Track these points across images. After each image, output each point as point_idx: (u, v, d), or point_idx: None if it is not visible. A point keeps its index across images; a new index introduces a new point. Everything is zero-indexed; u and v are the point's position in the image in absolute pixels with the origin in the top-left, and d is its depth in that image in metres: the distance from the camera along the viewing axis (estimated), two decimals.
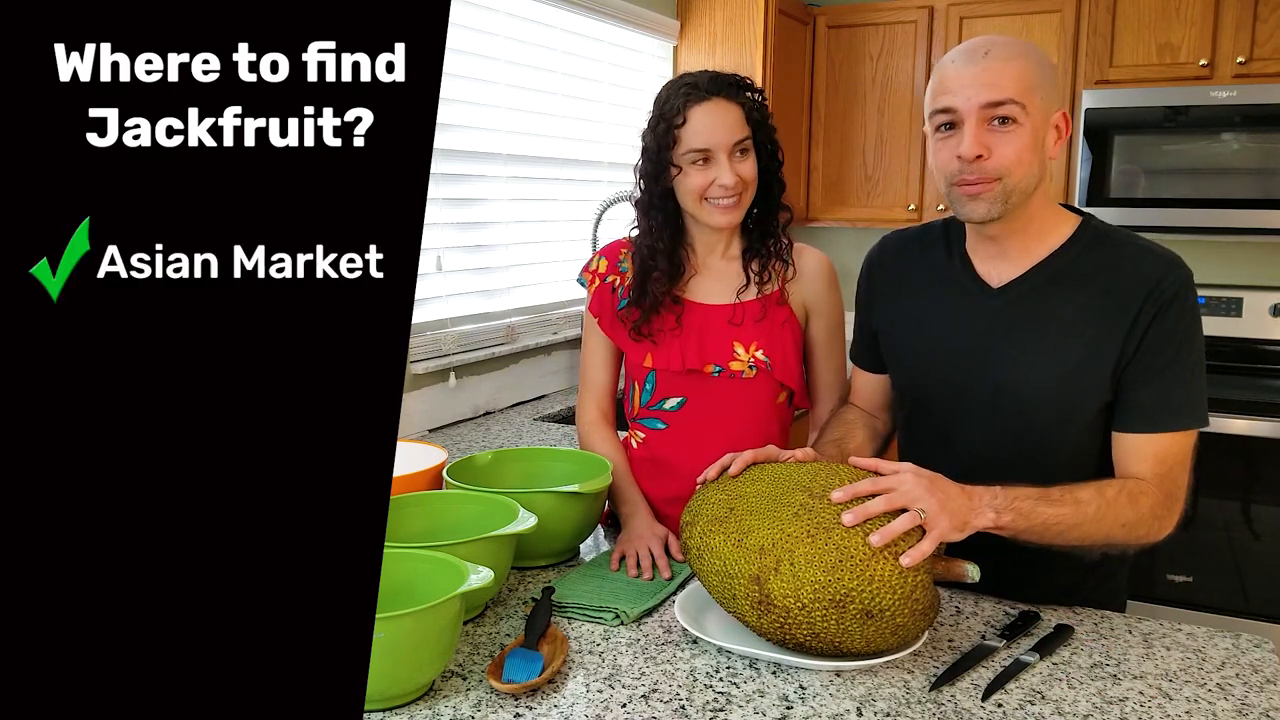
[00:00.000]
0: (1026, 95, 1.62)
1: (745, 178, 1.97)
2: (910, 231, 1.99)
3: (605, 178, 3.99)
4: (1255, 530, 3.70)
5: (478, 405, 3.29)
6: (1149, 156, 3.98)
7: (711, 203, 1.98)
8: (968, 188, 1.66)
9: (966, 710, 1.38)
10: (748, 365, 2.05)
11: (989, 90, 1.62)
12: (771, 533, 1.47)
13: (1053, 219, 1.77)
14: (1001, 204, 1.66)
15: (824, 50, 4.67)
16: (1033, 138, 1.64)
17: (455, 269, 3.22)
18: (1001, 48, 1.65)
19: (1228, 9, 3.86)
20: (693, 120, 1.95)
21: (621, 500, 2.07)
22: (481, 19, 3.21)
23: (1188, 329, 1.68)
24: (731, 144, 1.95)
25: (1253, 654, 1.56)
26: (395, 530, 1.73)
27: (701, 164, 1.96)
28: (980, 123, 1.63)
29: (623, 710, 1.37)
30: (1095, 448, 1.75)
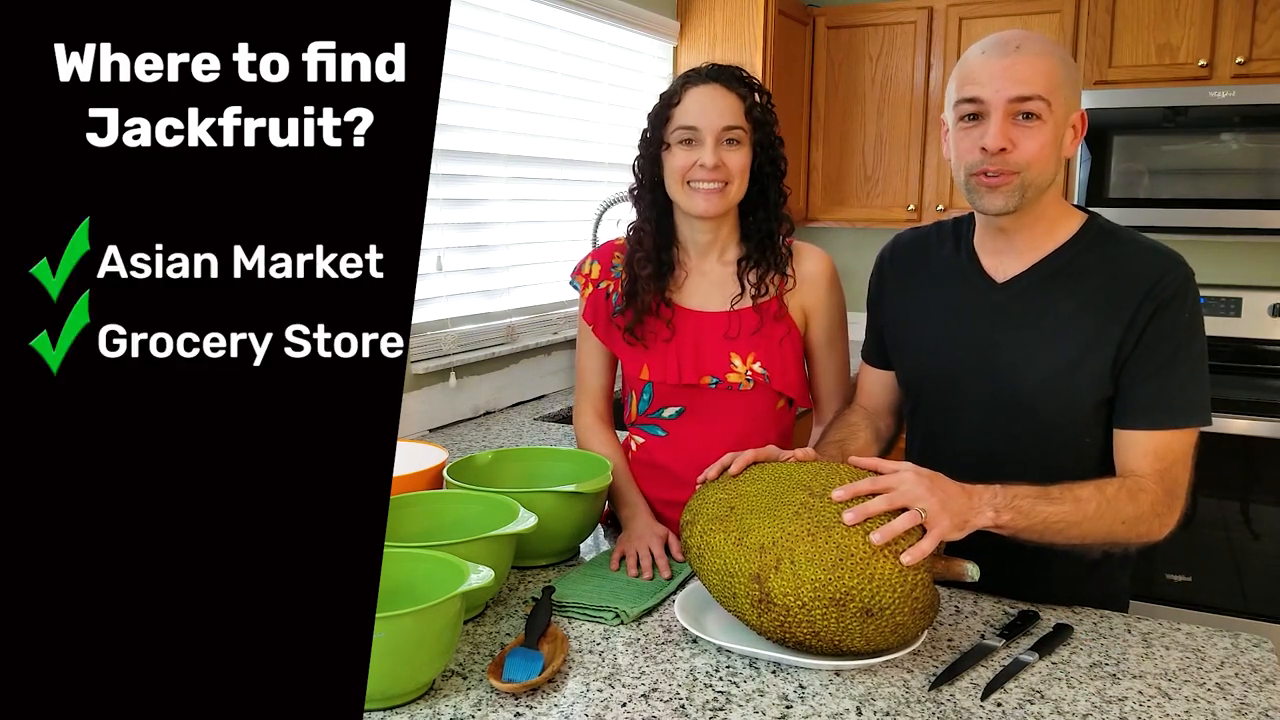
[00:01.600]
0: (1052, 92, 1.64)
1: (730, 166, 1.97)
2: (923, 229, 2.01)
3: (605, 178, 3.98)
4: (1254, 530, 3.70)
5: (478, 405, 3.29)
6: (1148, 157, 3.98)
7: (693, 185, 1.97)
8: (988, 179, 1.68)
9: (966, 709, 1.39)
10: (745, 378, 2.04)
11: (1018, 85, 1.64)
12: (772, 531, 1.47)
13: (1060, 216, 1.78)
14: (1019, 197, 1.68)
15: (824, 51, 4.67)
16: (1054, 135, 1.66)
17: (455, 269, 3.22)
18: (1032, 43, 1.67)
19: (1227, 9, 3.86)
20: (686, 100, 1.97)
21: (622, 502, 2.07)
22: (481, 19, 3.21)
23: (1188, 326, 1.68)
24: (720, 128, 1.95)
25: (1252, 653, 1.56)
26: (395, 530, 1.73)
27: (687, 144, 1.96)
28: (1006, 116, 1.65)
29: (623, 709, 1.37)
30: (1097, 445, 1.75)
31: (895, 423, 2.08)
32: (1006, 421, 1.78)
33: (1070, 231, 1.77)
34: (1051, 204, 1.76)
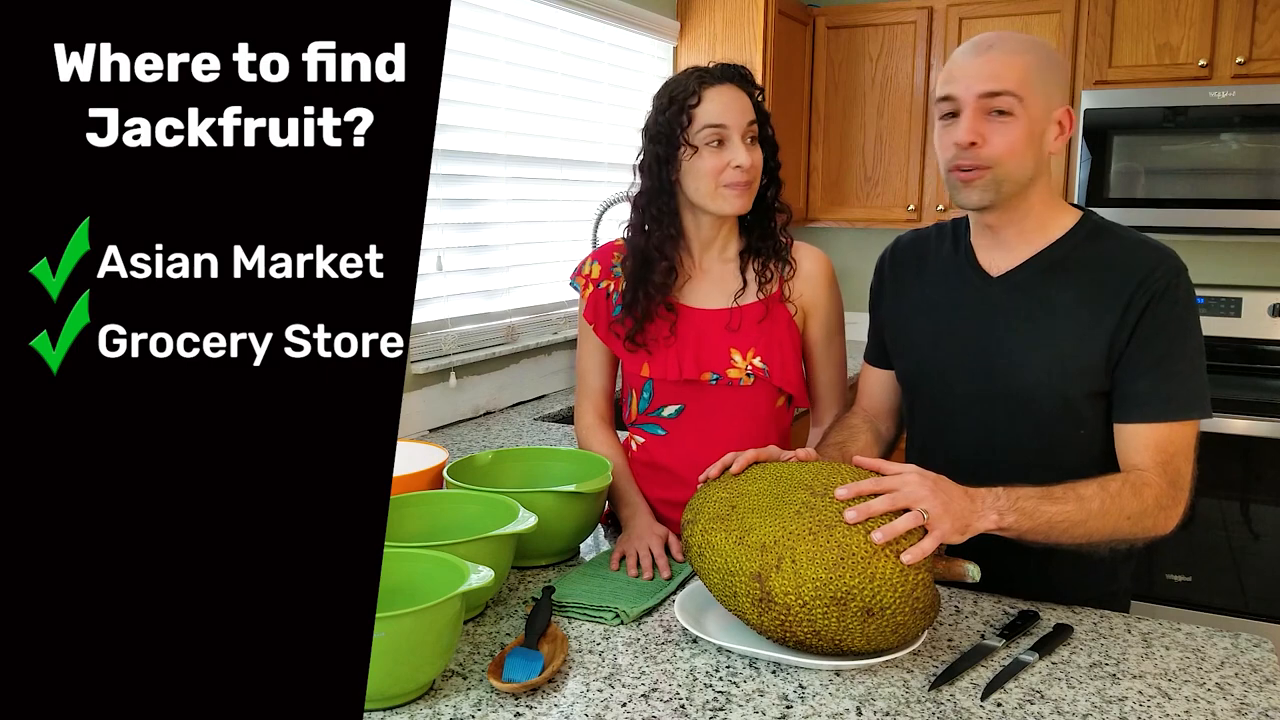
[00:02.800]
0: (1024, 88, 1.66)
1: (758, 164, 1.98)
2: (924, 230, 2.01)
3: (605, 178, 3.98)
4: (1254, 530, 3.70)
5: (478, 405, 3.29)
6: (1148, 157, 3.99)
7: (727, 187, 1.96)
8: (962, 174, 1.71)
9: (966, 709, 1.39)
10: (745, 373, 2.04)
11: (988, 81, 1.67)
12: (773, 530, 1.47)
13: (1054, 212, 1.79)
14: (994, 192, 1.70)
15: (824, 51, 4.68)
16: (1028, 130, 1.67)
17: (455, 269, 3.22)
18: (1007, 42, 1.70)
19: (1227, 9, 3.86)
20: (708, 99, 1.95)
21: (622, 502, 2.06)
22: (481, 20, 3.21)
23: (1181, 319, 1.69)
24: (745, 125, 1.95)
25: (1252, 653, 1.56)
26: (396, 530, 1.73)
27: (716, 145, 1.94)
28: (977, 112, 1.68)
29: (623, 709, 1.37)
30: (1095, 438, 1.76)
31: (896, 425, 2.08)
32: (1003, 415, 1.78)
33: (1065, 228, 1.78)
34: (1041, 200, 1.77)
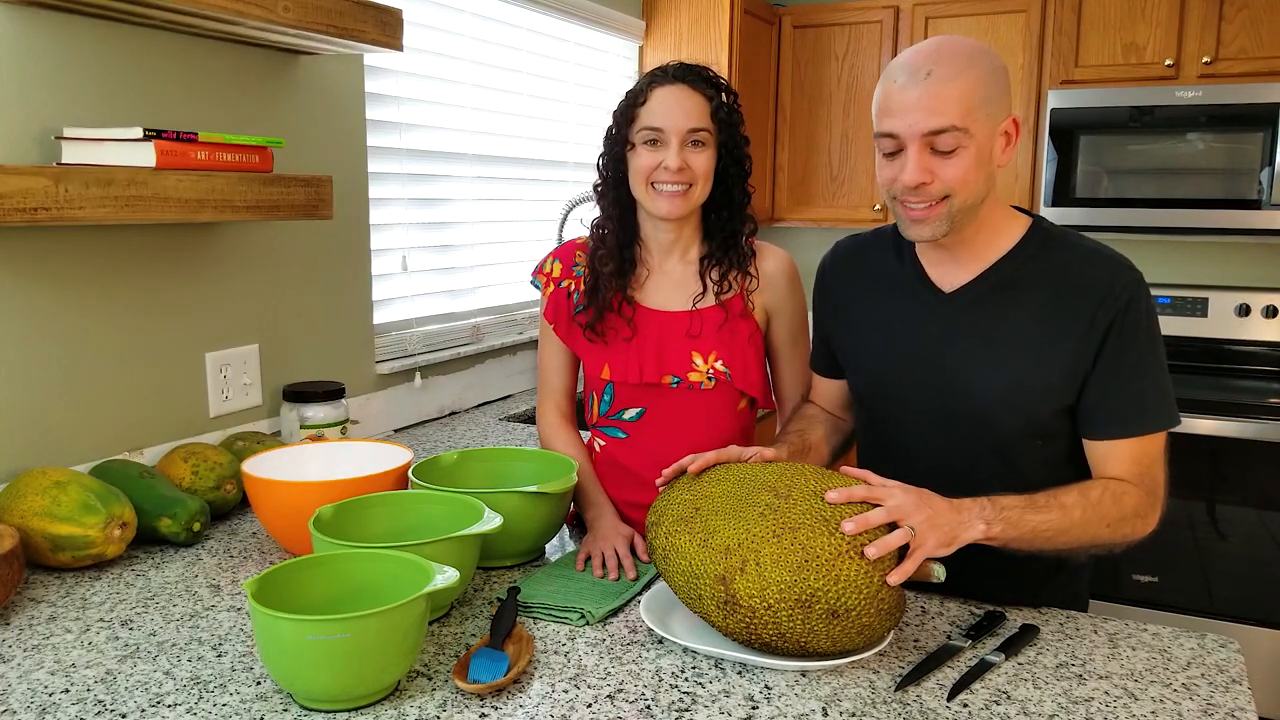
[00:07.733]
0: (969, 117, 1.60)
1: (695, 169, 1.96)
2: (862, 236, 1.99)
3: (571, 178, 3.98)
4: (1221, 530, 3.72)
5: (443, 405, 3.28)
6: (1114, 156, 4.00)
7: (656, 188, 1.97)
8: (912, 211, 1.67)
9: (932, 710, 1.38)
10: (706, 376, 2.03)
11: (931, 117, 1.60)
12: (737, 533, 1.46)
13: (1003, 222, 1.77)
14: (947, 224, 1.67)
15: (789, 50, 4.68)
16: (977, 157, 1.63)
17: (420, 269, 3.21)
18: (945, 65, 1.61)
19: (1193, 9, 3.88)
20: (652, 100, 1.96)
21: (588, 503, 2.05)
22: (447, 19, 3.20)
23: (1147, 331, 1.68)
24: (685, 130, 1.94)
25: (1218, 654, 1.56)
26: (361, 530, 1.72)
27: (652, 145, 1.96)
28: (922, 149, 1.63)
29: (588, 710, 1.36)
30: (1057, 452, 1.76)
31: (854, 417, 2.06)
32: (961, 434, 1.77)
33: (1015, 238, 1.76)
34: (990, 213, 1.74)
